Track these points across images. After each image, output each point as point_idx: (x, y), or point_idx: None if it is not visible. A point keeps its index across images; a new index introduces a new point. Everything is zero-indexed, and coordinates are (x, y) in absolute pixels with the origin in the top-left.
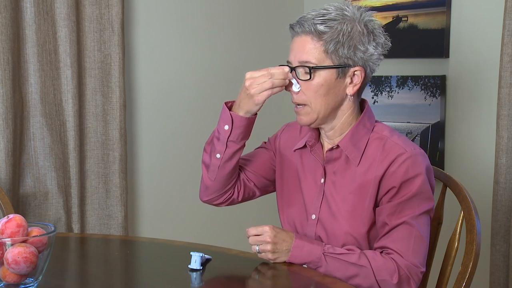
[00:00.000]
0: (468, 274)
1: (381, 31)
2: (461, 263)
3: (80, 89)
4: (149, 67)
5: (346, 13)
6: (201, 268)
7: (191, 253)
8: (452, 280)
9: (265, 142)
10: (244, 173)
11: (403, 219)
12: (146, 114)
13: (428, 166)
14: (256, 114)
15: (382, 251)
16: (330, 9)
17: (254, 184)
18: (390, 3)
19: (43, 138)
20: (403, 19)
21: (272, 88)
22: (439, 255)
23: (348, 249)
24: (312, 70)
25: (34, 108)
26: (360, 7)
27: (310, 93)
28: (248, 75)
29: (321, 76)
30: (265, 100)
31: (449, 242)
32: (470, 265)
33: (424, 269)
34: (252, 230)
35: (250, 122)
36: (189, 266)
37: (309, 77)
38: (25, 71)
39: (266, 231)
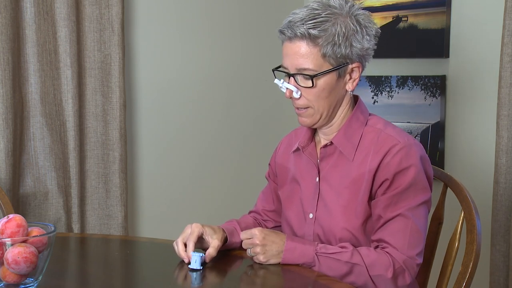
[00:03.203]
0: (468, 274)
1: (370, 21)
2: (461, 263)
3: (80, 89)
4: (149, 67)
5: (335, 10)
6: (201, 268)
7: (191, 253)
8: (452, 280)
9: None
10: (261, 218)
11: (398, 211)
12: (146, 114)
13: (423, 156)
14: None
15: (378, 245)
16: (318, 9)
17: (274, 219)
18: (390, 3)
19: (43, 138)
20: (403, 19)
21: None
22: (439, 255)
23: (341, 247)
24: (313, 78)
25: (34, 108)
26: None
27: (312, 97)
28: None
29: (322, 81)
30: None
31: (450, 242)
32: (471, 265)
33: (420, 261)
34: (243, 234)
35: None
36: (189, 266)
37: (311, 85)
38: (25, 71)
39: (255, 234)
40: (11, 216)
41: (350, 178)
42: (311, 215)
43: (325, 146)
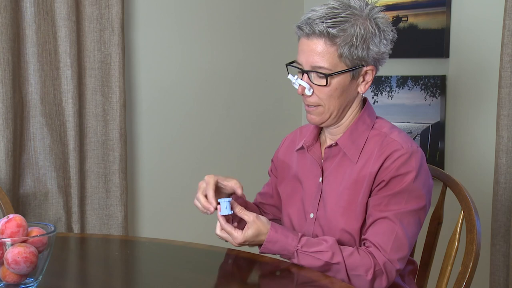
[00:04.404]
0: (468, 274)
1: (388, 25)
2: (461, 263)
3: (80, 89)
4: (149, 67)
5: (355, 11)
6: (232, 212)
7: (219, 200)
8: (452, 280)
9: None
10: (261, 210)
11: (386, 214)
12: (146, 114)
13: (423, 166)
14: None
15: (364, 242)
16: (338, 8)
17: (273, 213)
18: (390, 3)
19: (43, 138)
20: (403, 19)
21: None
22: (439, 255)
23: (323, 240)
24: (328, 76)
25: (34, 108)
26: (366, 1)
27: (323, 96)
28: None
29: (336, 81)
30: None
31: (449, 242)
32: (470, 265)
33: (400, 267)
34: (222, 233)
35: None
36: (220, 213)
37: (325, 84)
38: (25, 71)
39: (235, 237)
40: (11, 216)
41: (351, 180)
42: (311, 215)
43: (330, 146)
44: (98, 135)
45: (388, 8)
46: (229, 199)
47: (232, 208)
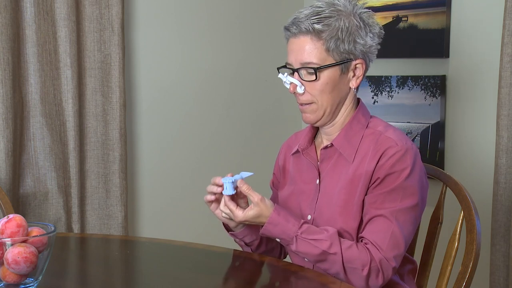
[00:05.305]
0: (468, 274)
1: (374, 21)
2: (461, 263)
3: (80, 89)
4: (149, 67)
5: (339, 8)
6: (234, 192)
7: (222, 179)
8: (452, 280)
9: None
10: None
11: (381, 212)
12: (146, 114)
13: (417, 163)
14: (245, 225)
15: (362, 239)
16: (322, 6)
17: None
18: (390, 3)
19: (43, 138)
20: (403, 19)
21: (210, 205)
22: (439, 255)
23: (324, 229)
24: (317, 70)
25: (34, 108)
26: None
27: (315, 92)
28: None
29: (325, 75)
30: (221, 217)
31: (449, 242)
32: (470, 265)
33: (395, 265)
34: (225, 209)
35: (246, 231)
36: (223, 192)
37: (314, 78)
38: (25, 71)
39: (237, 216)
40: (11, 216)
41: (348, 179)
42: (309, 217)
43: (326, 147)
44: (98, 135)
45: (388, 8)
46: (232, 179)
47: (238, 187)
